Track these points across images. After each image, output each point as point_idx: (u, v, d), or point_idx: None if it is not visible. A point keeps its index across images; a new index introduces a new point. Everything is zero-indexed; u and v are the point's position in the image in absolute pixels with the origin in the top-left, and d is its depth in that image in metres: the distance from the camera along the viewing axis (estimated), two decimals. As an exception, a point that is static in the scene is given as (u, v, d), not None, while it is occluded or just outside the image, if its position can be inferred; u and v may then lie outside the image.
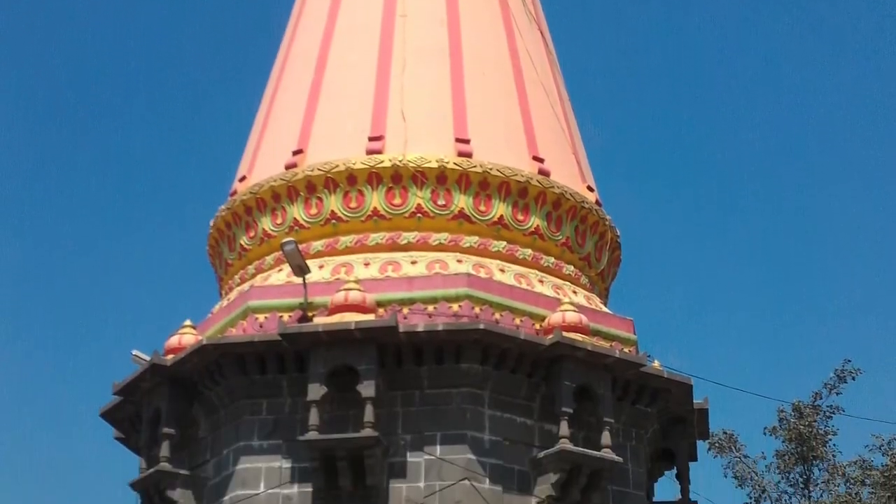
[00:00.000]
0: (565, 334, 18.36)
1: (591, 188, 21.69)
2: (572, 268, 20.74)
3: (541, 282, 19.93)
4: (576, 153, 21.85)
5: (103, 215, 59.26)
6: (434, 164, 19.97)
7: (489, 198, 20.08)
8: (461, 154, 20.16)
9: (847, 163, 61.61)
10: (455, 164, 20.02)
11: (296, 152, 20.60)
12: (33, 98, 58.75)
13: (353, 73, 21.15)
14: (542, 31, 22.91)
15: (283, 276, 19.61)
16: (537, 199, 20.37)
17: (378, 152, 20.13)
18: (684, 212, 62.89)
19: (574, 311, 19.01)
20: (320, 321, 18.32)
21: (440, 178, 19.97)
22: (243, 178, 21.33)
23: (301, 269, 18.75)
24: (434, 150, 20.17)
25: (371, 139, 20.28)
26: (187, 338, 19.25)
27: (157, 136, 60.77)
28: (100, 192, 59.41)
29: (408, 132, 20.28)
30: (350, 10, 21.86)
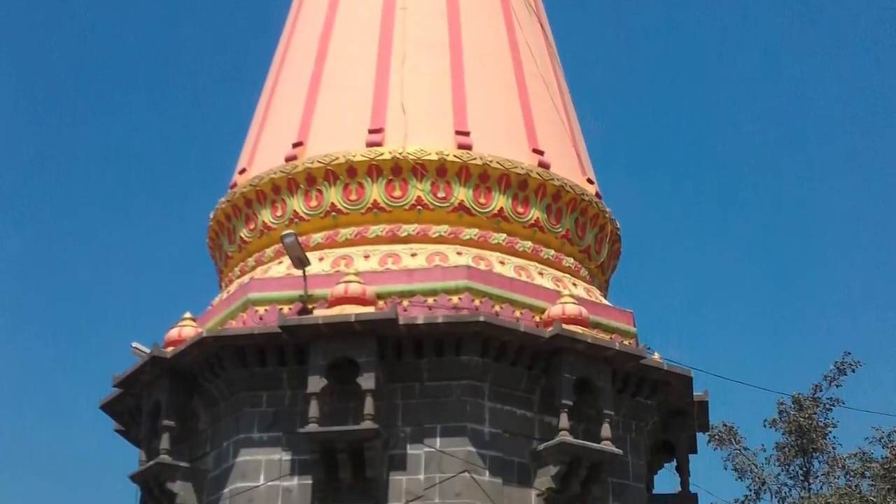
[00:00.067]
0: (565, 327, 18.36)
1: (590, 180, 21.68)
2: (572, 260, 20.74)
3: (541, 274, 19.93)
4: (576, 145, 21.85)
5: (103, 208, 59.26)
6: (434, 157, 19.97)
7: (489, 190, 20.08)
8: (461, 146, 20.16)
9: (847, 156, 61.61)
10: (455, 156, 20.02)
11: (296, 145, 20.60)
12: (33, 90, 58.73)
13: (353, 66, 21.14)
14: (541, 24, 22.90)
15: (283, 268, 19.61)
16: (537, 192, 20.36)
17: (378, 144, 20.13)
18: (684, 204, 62.89)
19: (574, 303, 19.01)
20: (320, 313, 18.33)
21: (440, 171, 19.97)
22: (243, 171, 21.33)
23: (301, 262, 18.75)
24: (434, 142, 20.16)
25: (371, 131, 20.28)
26: (187, 330, 19.26)
27: (157, 128, 60.75)
28: (100, 184, 59.43)
29: (408, 124, 20.27)
30: (350, 3, 21.86)
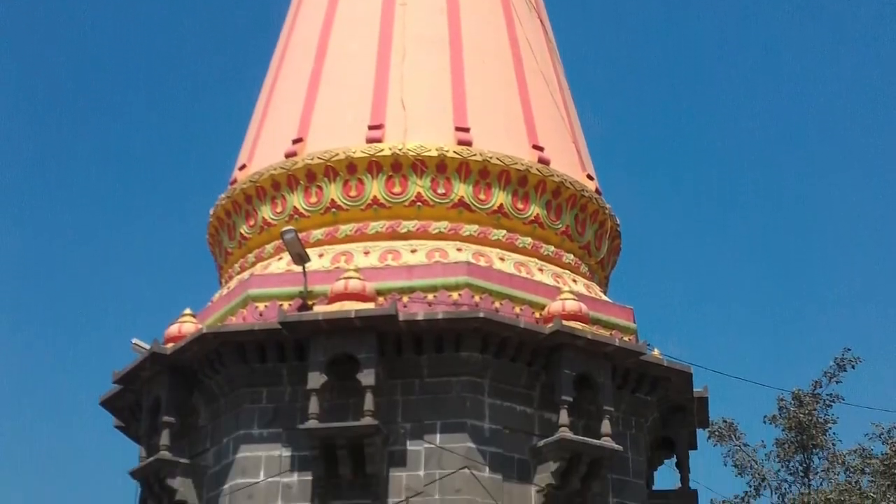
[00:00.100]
0: (565, 323, 18.35)
1: (590, 177, 21.68)
2: (572, 256, 20.74)
3: (541, 270, 19.93)
4: (576, 142, 21.84)
5: (103, 204, 59.31)
6: (434, 153, 19.96)
7: (489, 186, 20.08)
8: (461, 142, 20.15)
9: (847, 153, 61.65)
10: (455, 152, 20.01)
11: (295, 141, 20.59)
12: (33, 88, 58.76)
13: (353, 62, 21.13)
14: (541, 20, 22.89)
15: (282, 264, 19.61)
16: (537, 188, 20.36)
17: (378, 141, 20.12)
18: (684, 200, 62.94)
19: (574, 299, 19.00)
20: (320, 310, 18.32)
21: (440, 167, 19.97)
22: (243, 167, 21.33)
23: (301, 258, 18.75)
24: (434, 138, 20.16)
25: (371, 128, 20.27)
26: (187, 326, 19.25)
27: (157, 125, 60.82)
28: (100, 181, 59.47)
29: (408, 121, 20.27)
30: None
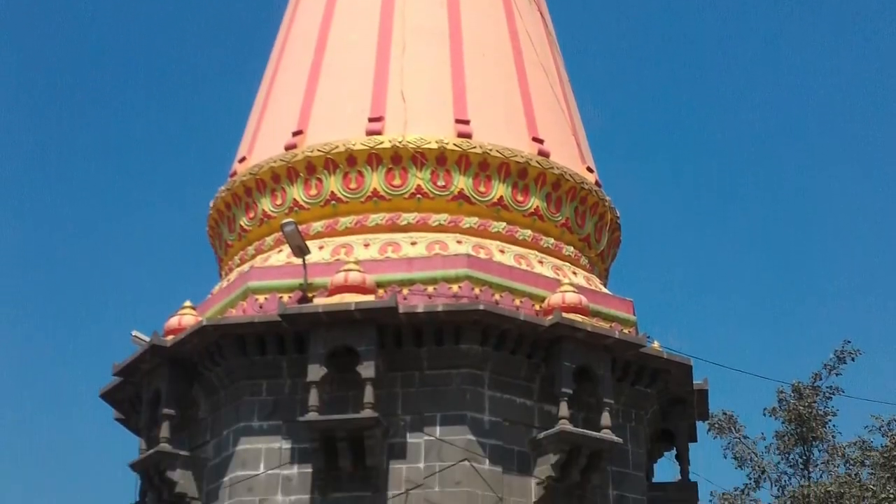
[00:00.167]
0: (565, 315, 18.36)
1: (590, 169, 21.67)
2: (572, 249, 20.74)
3: (540, 263, 19.93)
4: (575, 134, 21.84)
5: (103, 197, 59.31)
6: (434, 145, 19.96)
7: (489, 179, 20.07)
8: (461, 135, 20.14)
9: (847, 145, 61.67)
10: (455, 145, 20.01)
11: (295, 133, 20.59)
12: (32, 80, 58.72)
13: (353, 55, 21.13)
14: (541, 12, 22.88)
15: (282, 256, 19.61)
16: (537, 180, 20.36)
17: (378, 133, 20.12)
18: (684, 193, 62.97)
19: (574, 291, 19.00)
20: (320, 302, 18.33)
21: (440, 159, 19.96)
22: (243, 159, 21.32)
23: (301, 250, 18.75)
24: (434, 131, 20.15)
25: (371, 120, 20.27)
26: (187, 318, 19.26)
27: (157, 117, 60.79)
28: (99, 174, 59.46)
29: (407, 113, 20.26)
30: (350, -8, 21.85)
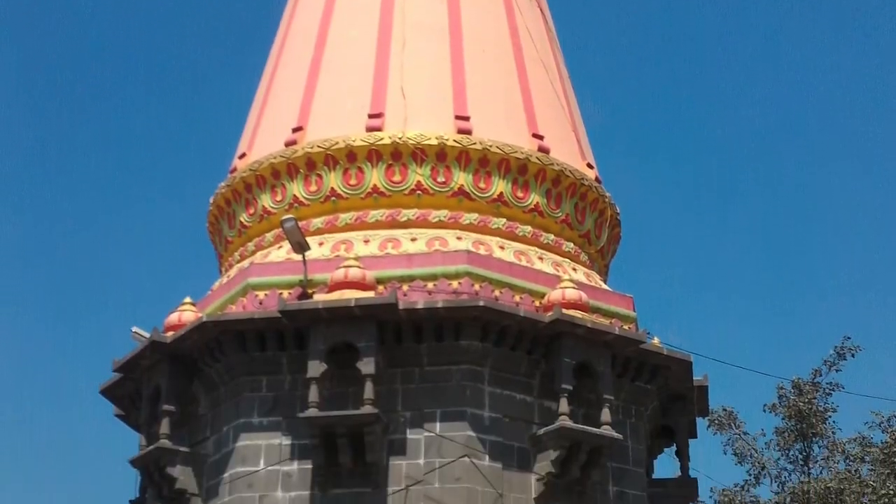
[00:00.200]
0: (565, 311, 18.36)
1: (590, 165, 21.67)
2: (572, 245, 20.74)
3: (540, 259, 19.93)
4: (575, 130, 21.83)
5: (103, 193, 59.33)
6: (434, 142, 19.95)
7: (489, 175, 20.07)
8: (461, 131, 20.14)
9: (847, 141, 61.66)
10: (455, 141, 20.00)
11: (296, 129, 20.58)
12: (32, 76, 58.72)
13: (353, 51, 21.12)
14: (541, 9, 22.87)
15: (282, 253, 19.61)
16: (537, 176, 20.35)
17: (378, 129, 20.12)
18: (684, 189, 62.96)
19: (574, 288, 19.01)
20: (320, 298, 18.32)
21: (440, 155, 19.96)
22: (243, 156, 21.32)
23: (301, 247, 18.75)
24: (434, 127, 20.15)
25: (371, 116, 20.27)
26: (187, 315, 19.25)
27: (157, 113, 60.83)
28: (99, 169, 59.48)
29: (407, 109, 20.26)
30: (350, -12, 21.83)
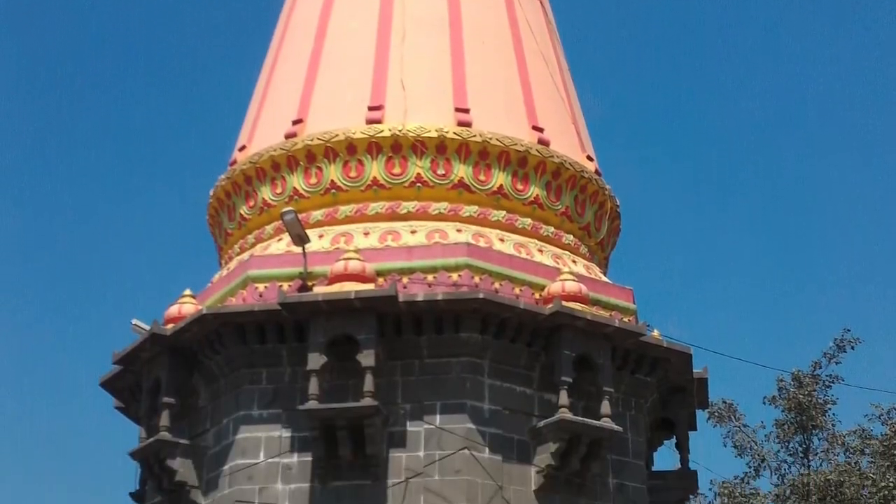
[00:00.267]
0: (565, 304, 18.36)
1: (590, 158, 21.66)
2: (572, 237, 20.74)
3: (540, 251, 19.93)
4: (575, 123, 21.82)
5: (103, 184, 59.33)
6: (434, 134, 19.95)
7: (489, 167, 20.07)
8: (461, 123, 20.14)
9: (846, 133, 61.67)
10: (455, 133, 20.00)
11: (296, 122, 20.58)
12: (32, 67, 58.68)
13: (353, 43, 21.10)
14: (541, 1, 22.84)
15: (282, 245, 19.61)
16: (537, 169, 20.35)
17: (378, 122, 20.11)
18: (684, 181, 62.99)
19: (574, 280, 19.00)
20: (320, 290, 18.33)
21: (440, 148, 19.95)
22: (243, 148, 21.31)
23: (301, 239, 18.74)
24: (434, 119, 20.14)
25: (371, 108, 20.26)
26: (187, 307, 19.25)
27: (157, 105, 60.78)
28: (100, 161, 59.47)
29: (407, 102, 20.25)
30: (350, -20, 21.81)
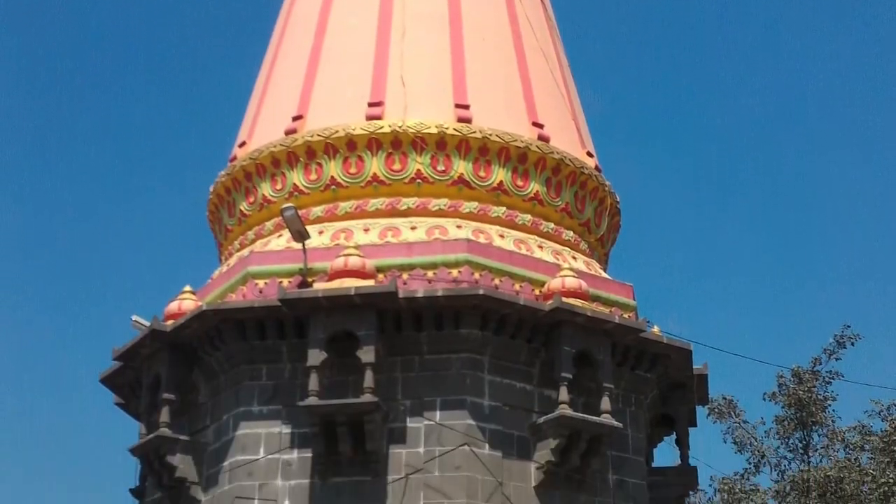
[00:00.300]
0: (565, 300, 18.36)
1: (590, 154, 21.66)
2: (572, 233, 20.74)
3: (540, 247, 19.93)
4: (575, 119, 21.82)
5: (103, 181, 59.37)
6: (433, 130, 19.94)
7: (489, 163, 20.06)
8: (461, 120, 20.13)
9: (846, 129, 61.69)
10: (454, 129, 19.99)
11: (295, 118, 20.58)
12: (32, 64, 58.68)
13: (353, 39, 21.10)
14: (541, -3, 22.85)
15: (282, 241, 19.61)
16: (537, 165, 20.35)
17: (378, 118, 20.11)
18: (684, 177, 63.00)
19: (574, 276, 19.00)
20: (320, 287, 18.32)
21: (440, 144, 19.95)
22: (243, 144, 21.31)
23: (301, 235, 18.74)
24: (434, 115, 20.14)
25: (371, 105, 20.25)
26: (187, 303, 19.25)
27: (157, 101, 60.83)
28: (100, 157, 59.50)
29: (407, 98, 20.25)
30: (350, -24, 21.80)
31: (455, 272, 18.63)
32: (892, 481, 30.18)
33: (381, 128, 19.95)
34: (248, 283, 18.98)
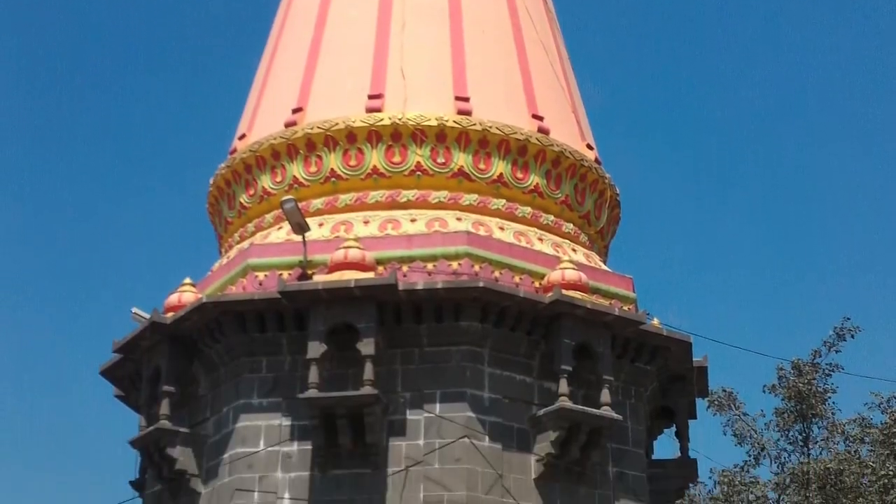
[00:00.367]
0: (565, 292, 18.36)
1: (590, 146, 21.65)
2: (572, 226, 20.73)
3: (540, 240, 19.93)
4: (575, 111, 21.81)
5: (104, 174, 59.37)
6: (433, 122, 19.94)
7: (489, 156, 20.06)
8: (461, 112, 20.13)
9: (846, 121, 61.67)
10: (454, 122, 19.99)
11: (295, 110, 20.57)
12: (32, 58, 58.66)
13: (353, 31, 21.09)
14: (541, -11, 22.82)
15: (282, 234, 19.61)
16: (537, 157, 20.34)
17: (378, 110, 20.10)
18: (684, 170, 63.02)
19: (573, 268, 19.00)
20: (320, 279, 18.33)
21: (440, 136, 19.94)
22: (243, 136, 21.30)
23: (301, 227, 18.74)
24: (433, 108, 20.13)
25: (371, 97, 20.25)
26: (187, 296, 19.26)
27: (158, 93, 60.82)
28: (100, 151, 59.50)
29: (407, 90, 20.24)
30: (350, -32, 21.78)
31: (455, 264, 18.63)
32: (891, 473, 30.14)
33: (381, 120, 19.94)
34: (248, 275, 18.98)
